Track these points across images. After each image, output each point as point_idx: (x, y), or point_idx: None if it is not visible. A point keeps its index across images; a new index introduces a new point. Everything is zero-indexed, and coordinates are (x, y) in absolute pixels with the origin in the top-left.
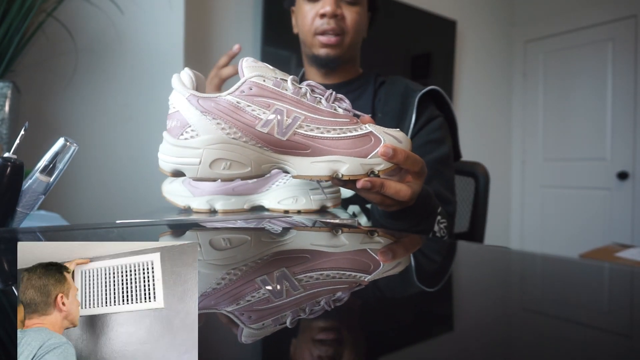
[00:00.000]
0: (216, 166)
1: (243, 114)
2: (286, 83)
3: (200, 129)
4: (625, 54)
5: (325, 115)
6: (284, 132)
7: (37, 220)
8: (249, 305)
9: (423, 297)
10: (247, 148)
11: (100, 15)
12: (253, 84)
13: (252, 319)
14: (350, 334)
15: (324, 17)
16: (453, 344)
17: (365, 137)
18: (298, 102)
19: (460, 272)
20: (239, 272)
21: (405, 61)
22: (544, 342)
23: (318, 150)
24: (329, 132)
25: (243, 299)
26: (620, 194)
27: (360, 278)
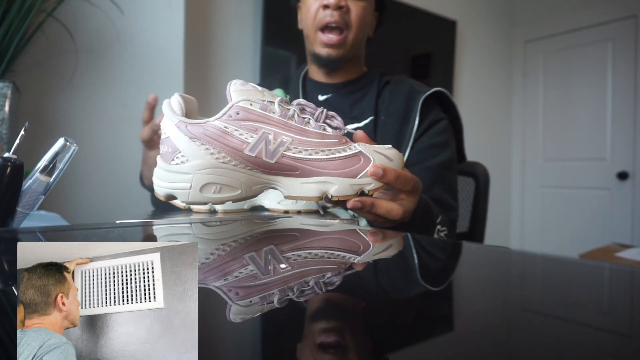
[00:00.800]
0: (206, 190)
1: (231, 139)
2: (273, 105)
3: (190, 154)
4: (625, 54)
5: (313, 136)
6: (272, 155)
7: (37, 220)
8: (236, 281)
9: (423, 297)
10: (237, 171)
11: (100, 15)
12: (240, 108)
13: (240, 295)
14: (349, 336)
15: (328, 9)
16: (453, 344)
17: (355, 157)
18: (285, 124)
19: (460, 272)
20: (227, 248)
21: (405, 61)
22: (544, 342)
23: (307, 172)
24: (317, 154)
25: (231, 274)
26: (620, 194)
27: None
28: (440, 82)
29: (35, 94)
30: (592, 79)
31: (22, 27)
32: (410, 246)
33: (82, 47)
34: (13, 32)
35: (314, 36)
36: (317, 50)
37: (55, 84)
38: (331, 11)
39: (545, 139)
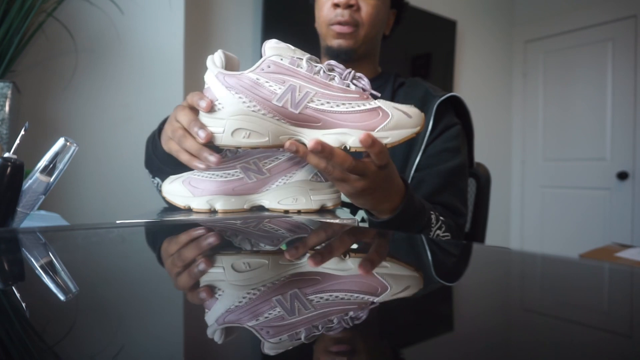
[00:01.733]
0: (237, 135)
1: (261, 89)
2: (301, 61)
3: (225, 102)
4: (625, 54)
5: (336, 90)
6: (297, 105)
7: (37, 220)
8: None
9: (422, 297)
10: (266, 120)
11: (101, 15)
12: (271, 62)
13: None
14: (352, 334)
15: (338, 8)
16: (453, 344)
17: (374, 112)
18: (311, 78)
19: (460, 272)
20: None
21: (405, 61)
22: (544, 343)
23: (329, 124)
24: (338, 107)
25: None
26: (620, 194)
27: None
28: (440, 82)
29: (36, 94)
30: (592, 79)
31: (22, 27)
32: (410, 246)
33: (82, 47)
34: (13, 32)
35: (326, 30)
36: (329, 43)
37: (55, 84)
38: (341, 10)
39: (545, 139)
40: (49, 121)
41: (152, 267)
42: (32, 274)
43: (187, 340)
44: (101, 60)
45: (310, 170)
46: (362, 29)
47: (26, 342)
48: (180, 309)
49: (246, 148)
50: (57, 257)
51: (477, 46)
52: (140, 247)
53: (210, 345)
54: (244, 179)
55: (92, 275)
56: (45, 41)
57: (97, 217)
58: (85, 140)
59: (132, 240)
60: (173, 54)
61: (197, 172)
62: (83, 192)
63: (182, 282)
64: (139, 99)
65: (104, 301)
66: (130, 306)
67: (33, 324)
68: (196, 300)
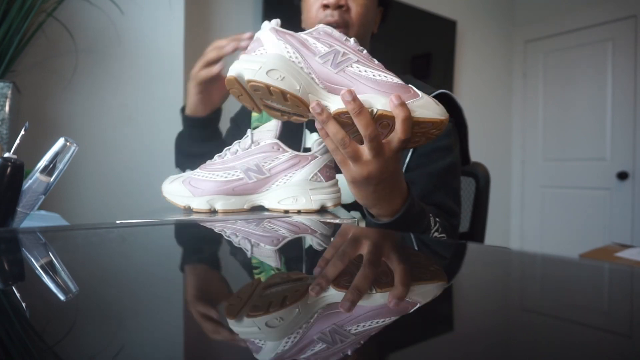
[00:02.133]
0: (272, 74)
1: (308, 46)
2: (349, 40)
3: (270, 47)
4: (625, 54)
5: (376, 66)
6: (337, 65)
7: (37, 220)
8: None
9: (422, 297)
10: (302, 73)
11: (101, 15)
12: (324, 31)
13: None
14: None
15: (328, 9)
16: (453, 344)
17: (406, 88)
18: (356, 50)
19: (460, 272)
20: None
21: (405, 61)
22: (544, 342)
23: (360, 89)
24: (374, 76)
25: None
26: (620, 194)
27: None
28: (440, 82)
29: (36, 94)
30: (592, 79)
31: (22, 28)
32: (410, 246)
33: (82, 47)
34: (13, 32)
35: None
36: None
37: (55, 84)
38: (331, 10)
39: (545, 138)
40: (49, 121)
41: (152, 267)
42: (32, 274)
43: (187, 340)
44: (101, 60)
45: (310, 170)
46: (352, 29)
47: (26, 342)
48: (180, 309)
49: (276, 90)
50: (57, 257)
51: (477, 46)
52: (141, 247)
53: (210, 345)
54: (244, 179)
55: (92, 276)
56: (45, 41)
57: (97, 217)
58: (85, 140)
59: (132, 240)
60: (173, 54)
61: (198, 172)
62: (83, 192)
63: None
64: (139, 99)
65: (104, 301)
66: (130, 306)
67: (33, 324)
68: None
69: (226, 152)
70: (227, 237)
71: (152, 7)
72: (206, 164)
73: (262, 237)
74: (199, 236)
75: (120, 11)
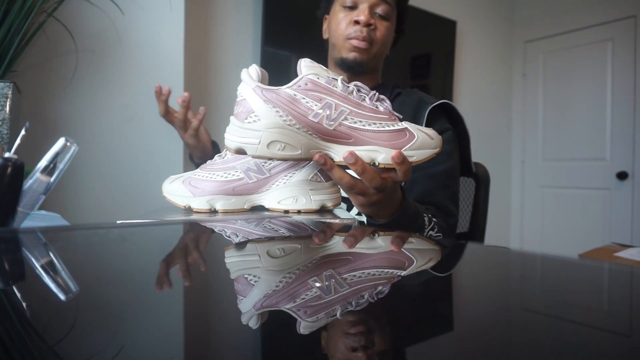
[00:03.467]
0: (272, 147)
1: (298, 105)
2: (336, 82)
3: (262, 115)
4: (624, 54)
5: (368, 111)
6: (332, 122)
7: (37, 220)
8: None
9: (422, 297)
10: (299, 134)
11: (101, 16)
12: (309, 80)
13: (308, 313)
14: (354, 333)
15: (357, 25)
16: (452, 343)
17: (401, 132)
18: (345, 98)
19: (460, 272)
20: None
21: (405, 61)
22: (544, 342)
23: (359, 141)
24: (370, 126)
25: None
26: (619, 194)
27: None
28: (440, 83)
29: (36, 94)
30: (592, 79)
31: (22, 28)
32: (410, 246)
33: (83, 48)
34: (14, 32)
35: (342, 44)
36: (344, 55)
37: (55, 84)
38: (360, 27)
39: (545, 139)
40: (49, 121)
41: (153, 267)
42: (32, 273)
43: (188, 340)
44: (101, 60)
45: (310, 170)
46: (375, 46)
47: (26, 342)
48: (180, 309)
49: (278, 160)
50: (57, 257)
51: (477, 46)
52: (141, 247)
53: (210, 345)
54: (244, 179)
55: (93, 276)
56: (45, 41)
57: (97, 217)
58: (85, 140)
59: (132, 241)
60: (173, 54)
61: (198, 172)
62: (83, 192)
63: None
64: (139, 99)
65: (104, 301)
66: (130, 306)
67: (33, 323)
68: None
69: (226, 152)
70: (228, 236)
71: (152, 8)
72: (206, 164)
73: (263, 237)
74: (200, 236)
75: (120, 11)
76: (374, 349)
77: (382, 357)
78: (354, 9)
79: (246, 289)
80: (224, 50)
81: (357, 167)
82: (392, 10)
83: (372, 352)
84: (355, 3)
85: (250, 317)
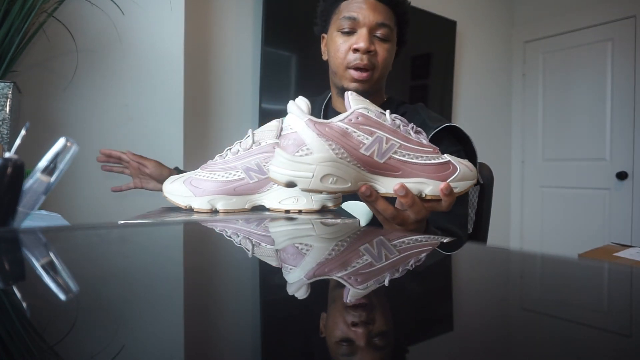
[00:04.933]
0: (325, 180)
1: (350, 139)
2: (385, 116)
3: (315, 148)
4: (624, 54)
5: (414, 144)
6: (382, 155)
7: (38, 220)
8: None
9: (420, 297)
10: (350, 167)
11: (101, 16)
12: (359, 114)
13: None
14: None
15: (357, 52)
16: (452, 343)
17: (446, 165)
18: (395, 132)
19: (459, 272)
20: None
21: (405, 61)
22: (544, 342)
23: (407, 173)
24: (417, 159)
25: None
26: (619, 194)
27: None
28: (440, 83)
29: (36, 94)
30: (592, 79)
31: (23, 28)
32: (409, 246)
33: (83, 48)
34: (14, 32)
35: (342, 73)
36: (345, 85)
37: (56, 84)
38: (360, 55)
39: (545, 139)
40: (49, 121)
41: (154, 267)
42: (32, 273)
43: (189, 340)
44: (102, 60)
45: None
46: (377, 72)
47: (27, 342)
48: (182, 309)
49: (329, 192)
50: (57, 257)
51: (476, 46)
52: (142, 248)
53: (211, 345)
54: (245, 179)
55: (93, 276)
56: (46, 41)
57: (97, 217)
58: (85, 140)
59: (133, 241)
60: (173, 54)
61: (199, 172)
62: (84, 192)
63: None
64: (139, 99)
65: (105, 301)
66: (131, 306)
67: (34, 323)
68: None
69: (227, 152)
70: (229, 236)
71: (153, 8)
72: (207, 164)
73: (263, 237)
74: (200, 236)
75: (120, 11)
76: (366, 342)
77: (375, 354)
78: (352, 33)
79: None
80: (224, 50)
81: (407, 200)
82: (391, 31)
83: (363, 344)
84: (353, 28)
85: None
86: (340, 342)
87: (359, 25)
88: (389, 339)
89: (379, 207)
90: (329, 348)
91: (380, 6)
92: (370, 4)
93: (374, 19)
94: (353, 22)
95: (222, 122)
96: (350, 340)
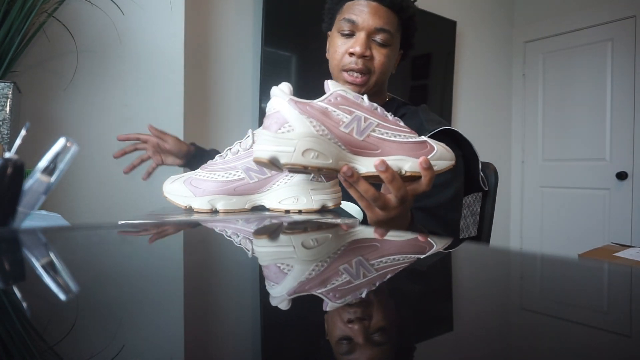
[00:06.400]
0: (307, 155)
1: (330, 117)
2: (363, 99)
3: (296, 124)
4: (624, 55)
5: (392, 124)
6: (361, 132)
7: (38, 220)
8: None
9: (422, 297)
10: (331, 145)
11: (101, 16)
12: (338, 94)
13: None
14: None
15: (353, 56)
16: (451, 343)
17: (423, 144)
18: (372, 112)
19: (459, 272)
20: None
21: (405, 61)
22: (543, 342)
23: (386, 152)
24: (395, 137)
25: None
26: (619, 194)
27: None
28: (440, 83)
29: (36, 95)
30: (592, 79)
31: (23, 28)
32: (408, 246)
33: (83, 48)
34: (14, 32)
35: (337, 74)
36: None
37: (56, 85)
38: (355, 59)
39: (545, 139)
40: (49, 121)
41: (154, 267)
42: (32, 273)
43: (188, 341)
44: (102, 60)
45: None
46: (373, 76)
47: (27, 342)
48: (181, 310)
49: (312, 167)
50: (57, 257)
51: (476, 46)
52: (142, 248)
53: (211, 344)
54: (245, 179)
55: (93, 276)
56: (46, 42)
57: (97, 217)
58: (85, 140)
59: (133, 241)
60: (173, 54)
61: (199, 172)
62: (84, 192)
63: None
64: (140, 99)
65: (105, 302)
66: (131, 307)
67: (33, 323)
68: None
69: (227, 152)
70: (229, 237)
71: (153, 8)
72: (207, 164)
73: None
74: (200, 236)
75: (120, 12)
76: (366, 339)
77: (372, 350)
78: (351, 36)
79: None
80: (224, 50)
81: (387, 175)
82: (392, 36)
83: (362, 341)
84: (352, 31)
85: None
86: (341, 341)
87: (357, 28)
88: (389, 339)
89: (360, 188)
90: (331, 348)
91: (382, 10)
92: (373, 8)
93: (373, 23)
94: (352, 25)
95: (222, 122)
96: (350, 339)
